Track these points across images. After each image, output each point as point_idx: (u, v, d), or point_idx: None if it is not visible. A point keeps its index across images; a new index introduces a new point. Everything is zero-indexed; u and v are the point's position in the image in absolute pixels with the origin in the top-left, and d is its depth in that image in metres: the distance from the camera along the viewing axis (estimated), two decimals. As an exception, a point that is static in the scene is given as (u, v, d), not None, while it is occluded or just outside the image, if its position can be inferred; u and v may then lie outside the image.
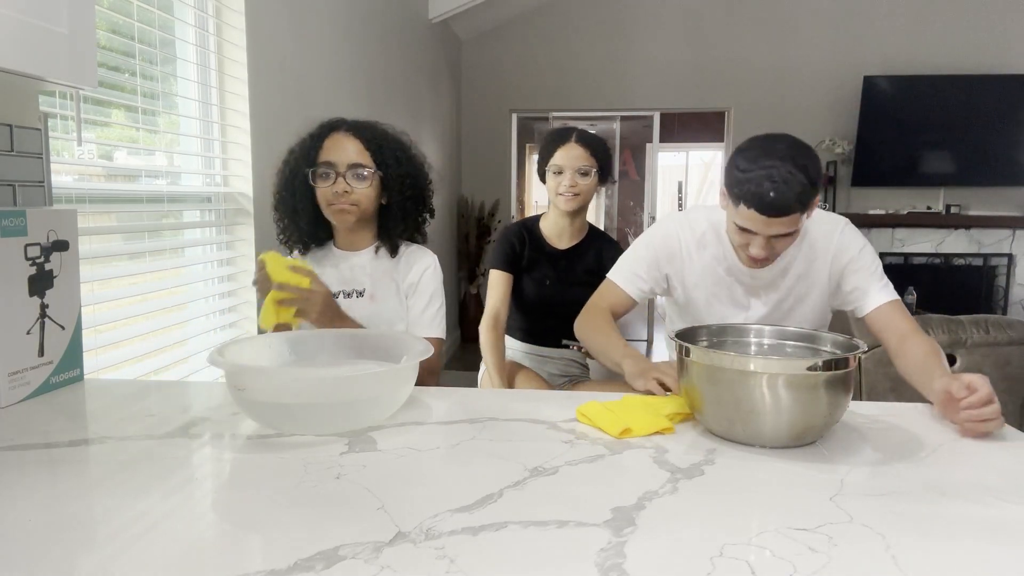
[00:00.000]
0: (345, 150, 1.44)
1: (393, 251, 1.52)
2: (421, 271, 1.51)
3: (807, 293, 1.46)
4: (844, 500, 0.78)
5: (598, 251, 2.01)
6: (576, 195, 1.92)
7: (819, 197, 1.32)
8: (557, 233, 2.01)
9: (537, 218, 2.06)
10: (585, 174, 1.92)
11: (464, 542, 0.67)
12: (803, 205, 1.24)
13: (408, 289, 1.51)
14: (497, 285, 1.97)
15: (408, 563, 0.63)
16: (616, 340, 1.42)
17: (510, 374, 1.95)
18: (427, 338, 1.46)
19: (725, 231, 1.43)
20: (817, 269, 1.44)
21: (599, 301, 1.56)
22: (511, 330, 2.08)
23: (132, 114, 1.76)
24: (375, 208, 1.49)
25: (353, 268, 1.51)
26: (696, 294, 1.50)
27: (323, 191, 1.44)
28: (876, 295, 1.40)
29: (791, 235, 1.30)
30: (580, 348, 1.82)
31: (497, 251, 2.00)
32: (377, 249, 1.52)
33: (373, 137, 1.46)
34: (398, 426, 1.03)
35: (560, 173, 1.92)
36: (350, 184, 1.43)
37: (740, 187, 1.26)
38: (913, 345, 1.30)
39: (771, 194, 1.22)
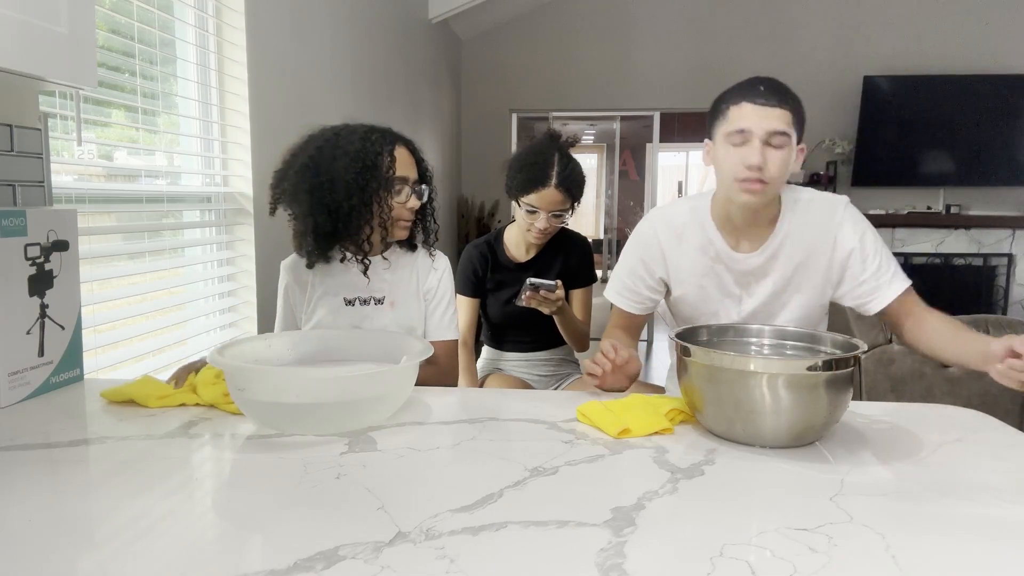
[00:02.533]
0: (411, 167, 1.44)
1: (411, 248, 1.52)
2: (439, 276, 1.51)
3: (803, 282, 1.40)
4: (844, 500, 0.78)
5: (565, 258, 1.97)
6: (547, 234, 1.87)
7: (803, 133, 1.33)
8: (523, 246, 1.97)
9: (502, 231, 2.01)
10: (559, 215, 1.84)
11: (464, 542, 0.67)
12: (792, 106, 1.29)
13: (428, 293, 1.50)
14: (463, 309, 1.97)
15: (408, 563, 0.63)
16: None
17: (485, 385, 1.97)
18: (444, 341, 1.48)
19: (710, 216, 1.41)
20: (815, 257, 1.38)
21: (610, 323, 1.53)
22: (491, 341, 2.09)
23: (132, 114, 1.76)
24: None
25: (372, 275, 1.46)
26: (686, 289, 1.45)
27: (397, 206, 1.41)
28: (890, 286, 1.34)
29: (781, 149, 1.27)
30: (538, 290, 1.72)
31: (460, 275, 1.97)
32: (387, 247, 1.50)
33: (419, 152, 1.48)
34: (398, 426, 1.03)
35: (534, 212, 1.83)
36: (417, 200, 1.44)
37: (729, 95, 1.31)
38: (936, 319, 1.31)
39: (761, 87, 1.29)
